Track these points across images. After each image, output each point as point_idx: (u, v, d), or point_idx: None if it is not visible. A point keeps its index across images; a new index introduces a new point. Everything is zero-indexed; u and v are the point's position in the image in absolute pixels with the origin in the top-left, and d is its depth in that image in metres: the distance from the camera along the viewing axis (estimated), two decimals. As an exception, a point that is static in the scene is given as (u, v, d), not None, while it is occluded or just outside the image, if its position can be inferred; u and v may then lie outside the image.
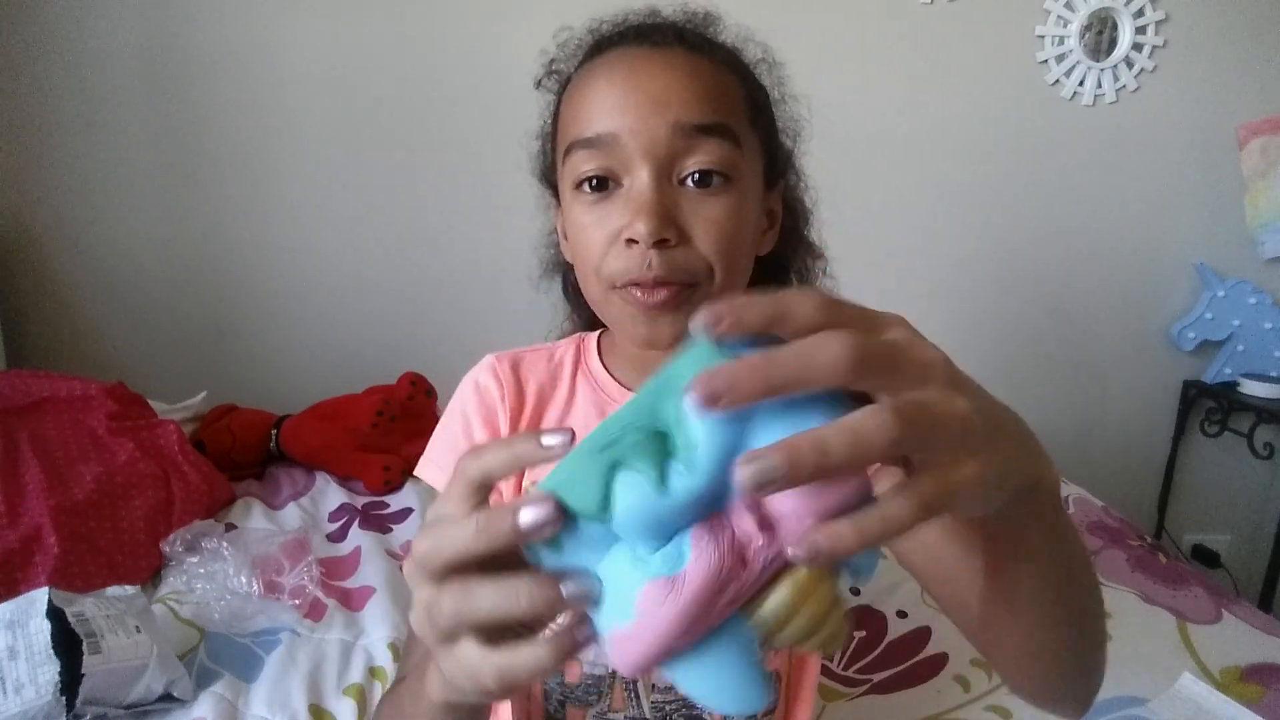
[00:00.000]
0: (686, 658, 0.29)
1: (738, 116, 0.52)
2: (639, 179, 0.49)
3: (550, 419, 0.61)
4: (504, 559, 0.29)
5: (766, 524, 0.27)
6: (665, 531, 0.27)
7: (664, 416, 0.27)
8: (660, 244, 0.49)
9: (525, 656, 0.29)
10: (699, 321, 0.25)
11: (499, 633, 0.30)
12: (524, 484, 0.59)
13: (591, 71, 0.53)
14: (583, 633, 0.28)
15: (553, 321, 0.75)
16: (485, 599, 0.29)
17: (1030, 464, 0.31)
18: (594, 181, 0.51)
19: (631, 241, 0.49)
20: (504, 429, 0.59)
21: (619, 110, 0.49)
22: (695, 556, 0.26)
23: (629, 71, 0.50)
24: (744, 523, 0.27)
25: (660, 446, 0.27)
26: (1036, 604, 0.39)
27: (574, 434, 0.29)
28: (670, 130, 0.48)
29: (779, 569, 0.28)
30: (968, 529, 0.49)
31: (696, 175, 0.50)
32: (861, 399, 0.26)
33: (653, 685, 0.59)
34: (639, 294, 0.50)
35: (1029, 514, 0.34)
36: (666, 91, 0.49)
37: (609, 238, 0.51)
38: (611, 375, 0.61)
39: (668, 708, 0.59)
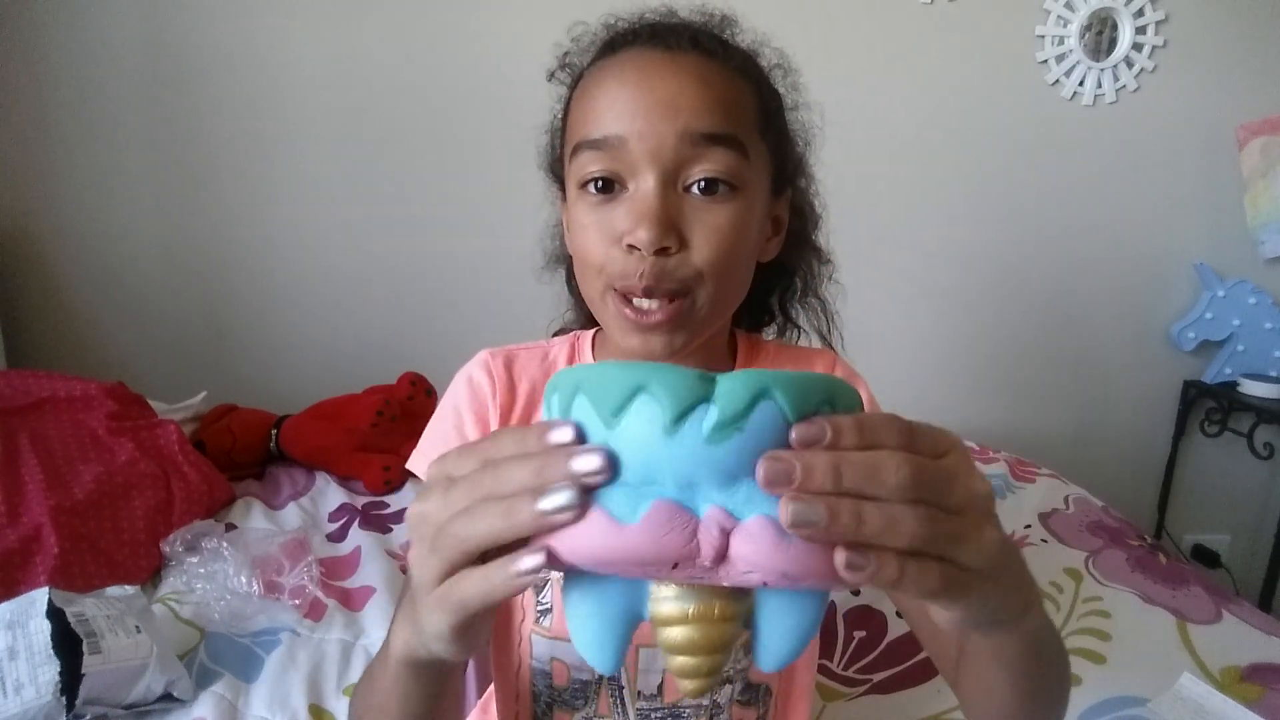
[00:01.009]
0: (581, 585, 0.31)
1: (747, 125, 0.52)
2: (644, 184, 0.49)
3: (540, 418, 0.60)
4: None
5: (722, 554, 0.27)
6: (650, 474, 0.27)
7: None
8: (660, 252, 0.49)
9: (503, 568, 0.29)
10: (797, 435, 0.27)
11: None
12: None
13: (603, 71, 0.52)
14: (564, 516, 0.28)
15: (554, 316, 0.75)
16: (516, 478, 0.29)
17: (1020, 599, 0.34)
18: (599, 183, 0.51)
19: (633, 247, 0.49)
20: (494, 425, 0.59)
21: (628, 114, 0.49)
22: (641, 528, 0.27)
23: (640, 74, 0.50)
24: (709, 537, 0.27)
25: (697, 389, 0.27)
26: (1007, 690, 0.43)
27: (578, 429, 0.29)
28: (678, 137, 0.48)
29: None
30: None
31: (702, 183, 0.49)
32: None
33: (639, 693, 0.59)
34: (629, 313, 0.51)
35: (1010, 633, 0.37)
36: (677, 97, 0.49)
37: (611, 241, 0.51)
38: None
39: (653, 715, 0.59)
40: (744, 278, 0.56)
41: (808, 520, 0.26)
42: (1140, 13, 1.72)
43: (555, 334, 0.72)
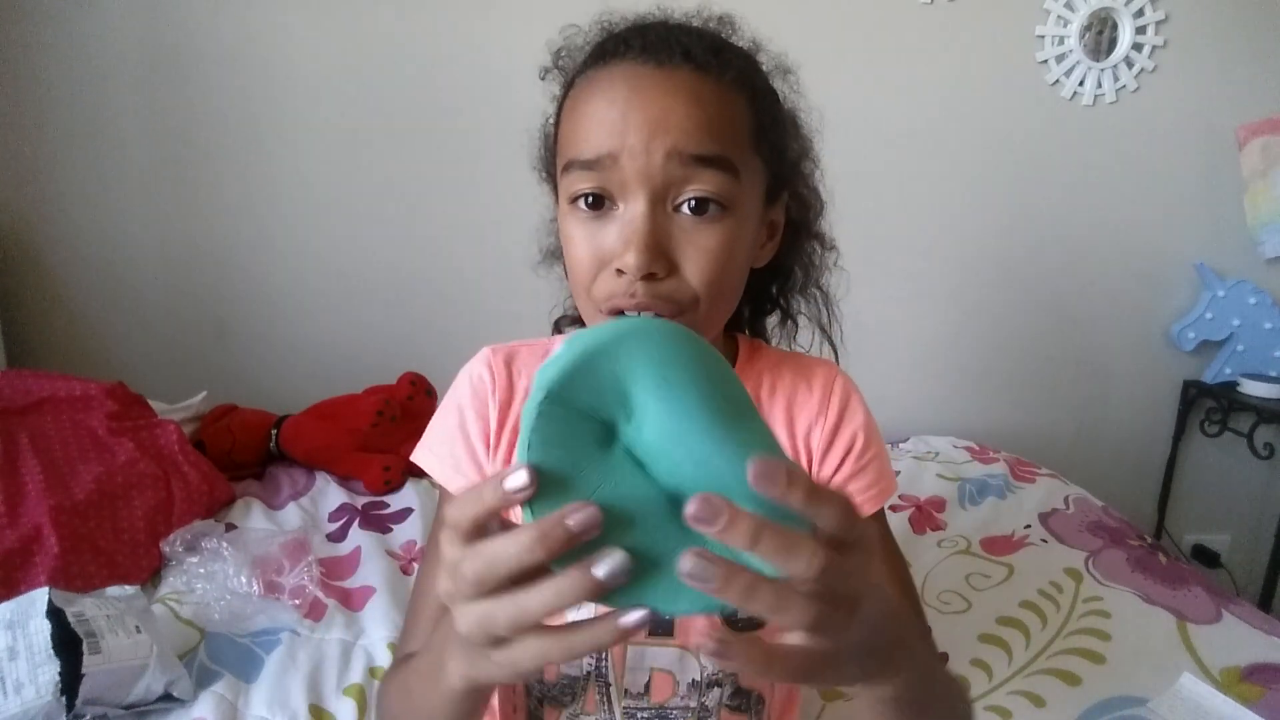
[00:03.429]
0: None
1: (739, 143, 0.51)
2: (634, 206, 0.49)
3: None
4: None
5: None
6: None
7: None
8: (648, 277, 0.49)
9: (585, 636, 0.32)
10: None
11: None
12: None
13: (594, 85, 0.52)
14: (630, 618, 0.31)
15: (553, 315, 0.75)
16: (537, 602, 0.31)
17: (884, 674, 0.38)
18: (589, 199, 0.51)
19: (621, 271, 0.49)
20: (493, 420, 0.60)
21: (618, 132, 0.48)
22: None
23: (630, 92, 0.49)
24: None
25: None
26: None
27: (534, 474, 0.30)
28: (667, 157, 0.48)
29: None
30: None
31: (692, 203, 0.49)
32: None
33: (625, 690, 0.59)
34: None
35: (879, 689, 0.39)
36: (667, 116, 0.48)
37: (600, 261, 0.51)
38: None
39: (640, 715, 0.59)
40: (736, 292, 0.56)
41: (705, 580, 0.29)
42: (1140, 13, 1.72)
43: (556, 322, 0.73)
